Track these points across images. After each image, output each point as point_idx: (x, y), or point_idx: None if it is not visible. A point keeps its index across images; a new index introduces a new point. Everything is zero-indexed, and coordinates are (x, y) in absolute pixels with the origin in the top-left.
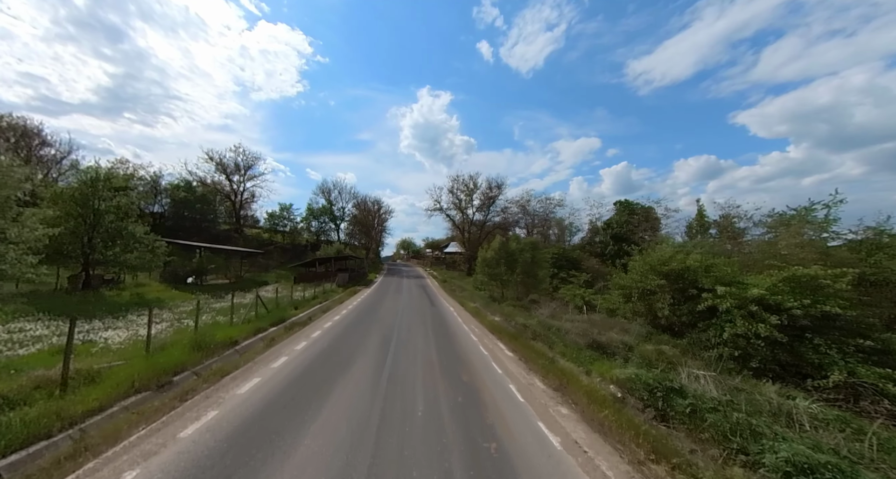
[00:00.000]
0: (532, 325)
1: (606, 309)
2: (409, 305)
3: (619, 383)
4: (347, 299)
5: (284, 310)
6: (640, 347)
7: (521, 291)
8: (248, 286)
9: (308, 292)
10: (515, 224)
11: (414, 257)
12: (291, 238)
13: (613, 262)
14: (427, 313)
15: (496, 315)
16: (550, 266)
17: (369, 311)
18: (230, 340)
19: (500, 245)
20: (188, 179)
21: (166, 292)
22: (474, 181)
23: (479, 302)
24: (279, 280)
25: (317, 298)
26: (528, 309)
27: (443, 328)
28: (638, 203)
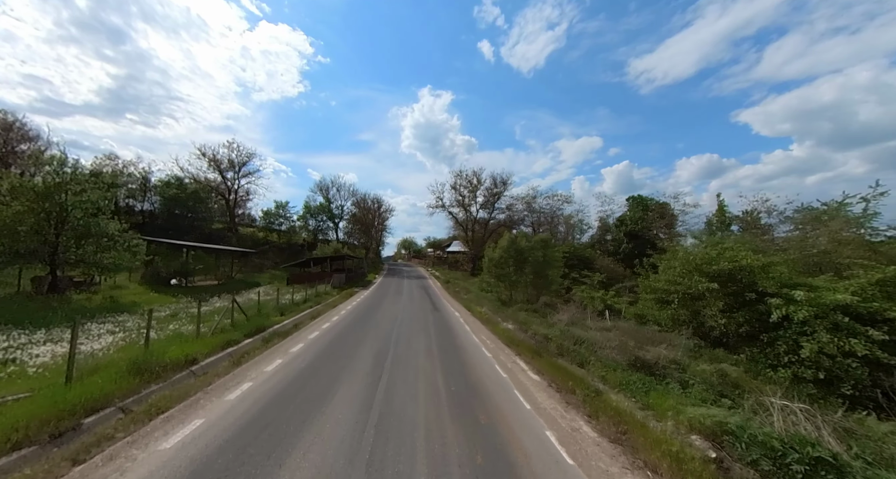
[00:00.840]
0: (554, 336)
1: (635, 315)
2: (409, 309)
3: (703, 432)
4: (342, 302)
5: (267, 317)
6: (694, 366)
7: (532, 293)
8: (237, 288)
9: (300, 295)
10: (520, 222)
11: (415, 257)
12: (287, 237)
13: (630, 261)
14: (429, 320)
15: (509, 322)
16: (562, 266)
17: (364, 317)
18: (187, 358)
19: (509, 243)
20: (179, 176)
21: (144, 295)
22: (478, 177)
23: (487, 306)
24: (273, 281)
25: (308, 301)
26: (544, 315)
27: (448, 340)
28: (652, 199)
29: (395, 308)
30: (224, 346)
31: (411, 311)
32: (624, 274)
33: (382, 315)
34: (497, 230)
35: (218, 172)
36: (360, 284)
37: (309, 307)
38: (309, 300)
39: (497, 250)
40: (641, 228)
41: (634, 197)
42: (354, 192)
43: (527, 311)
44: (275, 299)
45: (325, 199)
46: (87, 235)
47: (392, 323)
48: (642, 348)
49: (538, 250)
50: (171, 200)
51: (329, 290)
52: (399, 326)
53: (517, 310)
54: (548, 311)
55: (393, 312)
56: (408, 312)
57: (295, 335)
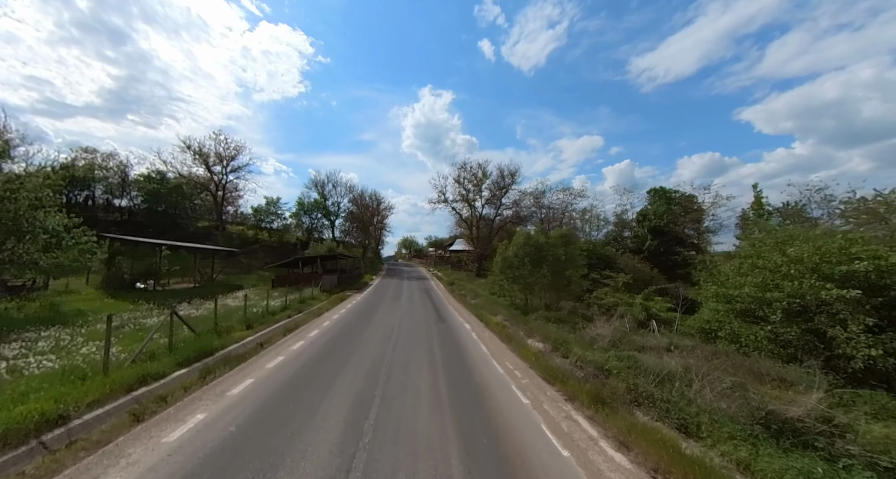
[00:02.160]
0: (613, 366)
1: (699, 330)
2: (408, 320)
3: None
4: (329, 309)
5: (226, 333)
6: (868, 430)
7: (551, 296)
8: (216, 291)
9: (282, 300)
10: (529, 219)
11: (416, 257)
12: (279, 236)
13: (657, 260)
14: (433, 337)
15: (536, 339)
16: (585, 265)
17: (352, 332)
18: (47, 417)
19: (525, 239)
20: (162, 171)
21: (96, 302)
22: (483, 170)
23: (503, 314)
24: (259, 283)
25: (288, 309)
26: (573, 325)
27: (461, 371)
28: (676, 191)
29: (392, 318)
30: (134, 385)
31: (410, 322)
32: (651, 275)
33: (374, 329)
34: (504, 227)
35: (204, 166)
36: (355, 286)
37: (287, 317)
38: (290, 307)
39: (511, 247)
40: (667, 223)
41: (656, 189)
42: (352, 188)
43: (552, 321)
44: (253, 306)
45: (320, 195)
46: (18, 231)
47: (385, 341)
48: (757, 390)
49: (558, 246)
50: (151, 196)
51: (317, 294)
52: (394, 346)
53: (540, 320)
54: (575, 320)
55: (388, 323)
56: (406, 323)
57: (251, 363)
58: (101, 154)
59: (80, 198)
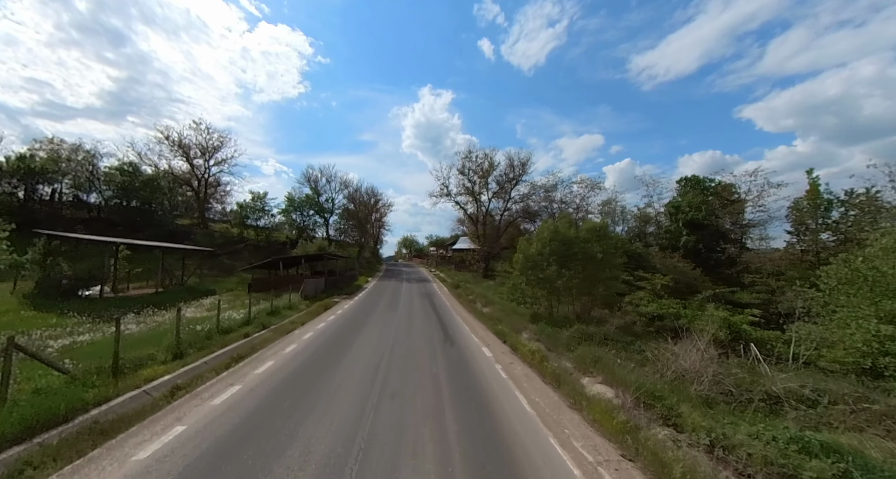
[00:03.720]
0: (807, 474)
1: (834, 361)
2: (404, 341)
3: None
4: (305, 324)
5: (126, 374)
6: None
7: (584, 304)
8: (182, 298)
9: (252, 309)
10: (538, 214)
11: (417, 256)
12: (266, 235)
13: (696, 258)
14: (441, 377)
15: (597, 379)
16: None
17: (324, 363)
18: None
19: (551, 233)
20: (135, 163)
21: (8, 315)
22: (490, 160)
23: (530, 330)
24: (237, 287)
25: (252, 322)
26: (626, 346)
27: (495, 459)
28: (711, 179)
29: (383, 338)
30: None
31: (407, 345)
32: (694, 276)
33: (357, 356)
34: (513, 223)
35: (185, 158)
36: (346, 291)
37: (243, 337)
38: (254, 321)
39: (535, 242)
40: (705, 216)
41: (687, 178)
42: (347, 183)
43: (596, 340)
44: (212, 319)
45: (313, 190)
46: None
47: (367, 386)
48: None
49: (591, 242)
50: (122, 190)
51: (297, 301)
52: (380, 394)
53: (581, 338)
54: (627, 338)
55: (377, 347)
56: (401, 348)
57: (126, 438)
58: (68, 145)
59: (45, 193)
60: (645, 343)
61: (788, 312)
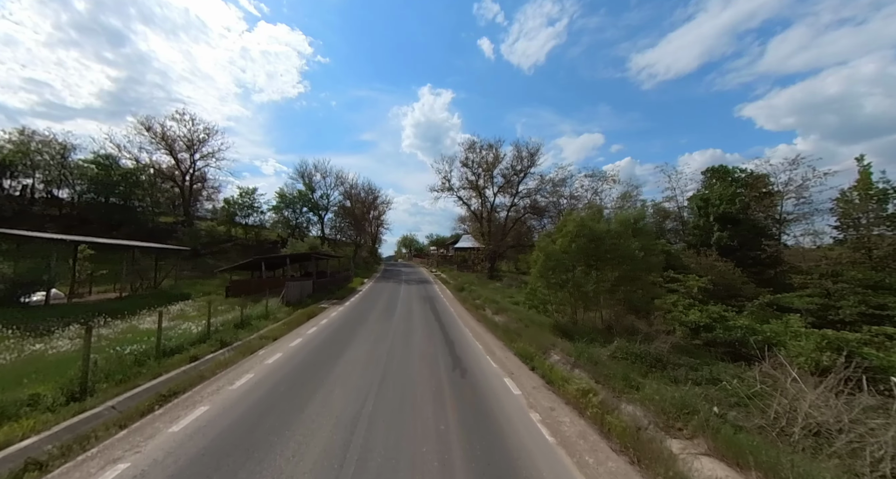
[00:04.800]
0: None
1: None
2: (401, 367)
3: None
4: (278, 339)
5: None
6: None
7: (617, 312)
8: (148, 304)
9: (223, 319)
10: (547, 210)
11: (417, 256)
12: (256, 233)
13: (731, 256)
14: (452, 436)
15: (700, 449)
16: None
17: (281, 412)
18: None
19: (577, 226)
20: (113, 155)
21: None
22: (496, 151)
23: (560, 349)
24: (218, 290)
25: (208, 339)
26: (696, 375)
27: None
28: (742, 169)
29: (372, 361)
30: None
31: (404, 376)
32: (734, 277)
33: (331, 399)
34: (522, 219)
35: (168, 151)
36: (338, 294)
37: (188, 361)
38: (215, 336)
39: (559, 238)
40: (739, 209)
41: (714, 168)
42: (343, 179)
43: (648, 363)
44: (168, 332)
45: (306, 186)
46: None
47: (339, 454)
48: None
49: (626, 237)
50: (98, 185)
51: (277, 308)
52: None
53: (624, 358)
54: (687, 361)
55: (362, 379)
56: (395, 381)
57: None
58: (40, 137)
59: (13, 188)
60: (711, 365)
61: (852, 319)
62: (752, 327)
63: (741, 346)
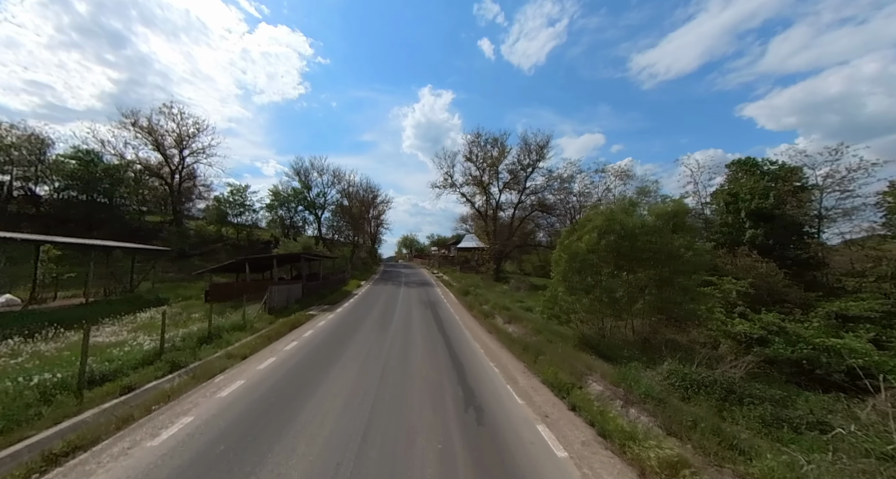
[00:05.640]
0: None
1: None
2: (396, 404)
3: None
4: (248, 358)
5: None
6: None
7: (655, 323)
8: (116, 310)
9: (187, 331)
10: (555, 208)
11: (418, 257)
12: (248, 232)
13: (767, 255)
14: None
15: None
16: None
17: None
18: None
19: (606, 221)
20: (95, 150)
21: None
22: (501, 145)
23: (602, 372)
24: (201, 294)
25: (160, 357)
26: (789, 416)
27: None
28: (774, 161)
29: (359, 393)
30: None
31: (397, 421)
32: (777, 279)
33: (291, 460)
34: (530, 217)
35: (156, 147)
36: (330, 299)
37: (121, 392)
38: (170, 354)
39: (585, 234)
40: (775, 204)
41: (740, 161)
42: (340, 176)
43: (718, 395)
44: (108, 353)
45: (302, 184)
46: None
47: None
48: None
49: (664, 233)
50: (78, 182)
51: (258, 315)
52: None
53: (687, 387)
54: (768, 393)
55: (341, 424)
56: (385, 429)
57: None
58: (19, 131)
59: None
60: (797, 396)
61: None
62: (823, 342)
63: (812, 366)
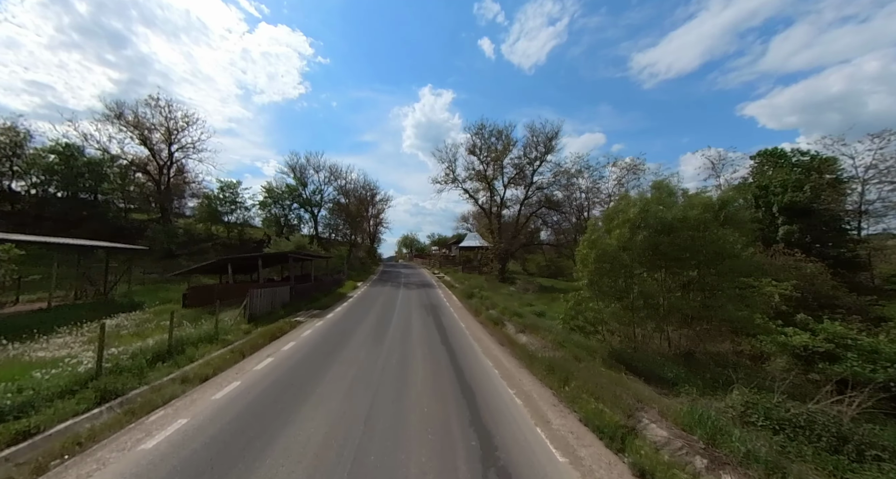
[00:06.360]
0: None
1: None
2: (387, 462)
3: None
4: (209, 380)
5: None
6: None
7: (697, 332)
8: (80, 316)
9: (142, 345)
10: (561, 205)
11: (418, 256)
12: (240, 231)
13: (807, 252)
14: None
15: None
16: None
17: None
18: None
19: (640, 213)
20: (76, 144)
21: None
22: (506, 137)
23: (659, 407)
24: None
25: (95, 380)
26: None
27: None
28: (804, 151)
29: (335, 443)
30: None
31: None
32: (822, 280)
33: None
34: (536, 213)
35: (141, 141)
36: (321, 303)
37: (14, 440)
38: (109, 377)
39: (615, 229)
40: (811, 198)
41: (767, 152)
42: (337, 173)
43: (823, 438)
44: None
45: (297, 180)
46: None
47: None
48: None
49: (710, 226)
50: (58, 177)
51: (236, 323)
52: None
53: (778, 433)
54: (868, 432)
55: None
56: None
57: None
58: None
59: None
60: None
61: None
62: None
63: None
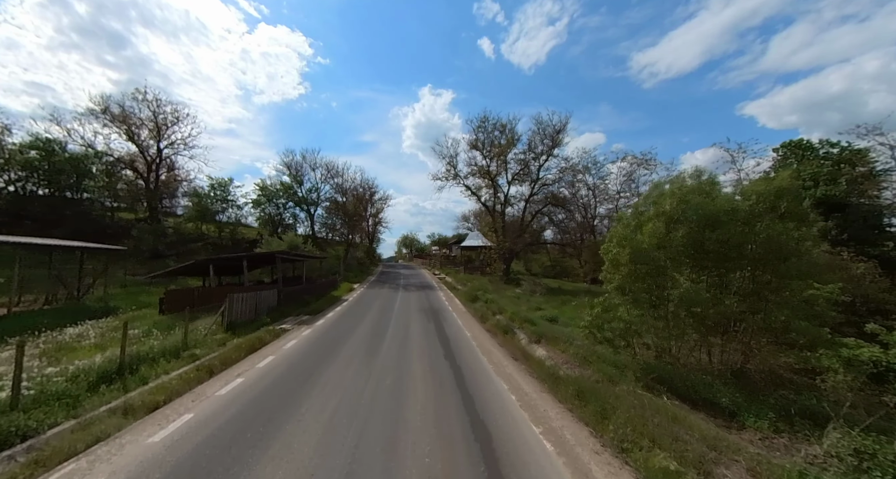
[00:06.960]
0: None
1: None
2: None
3: None
4: (160, 408)
5: None
6: None
7: (751, 345)
8: (37, 324)
9: (100, 359)
10: (566, 203)
11: (418, 256)
12: (231, 230)
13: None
14: None
15: None
16: None
17: None
18: None
19: (678, 206)
20: (58, 139)
21: None
22: (510, 131)
23: (747, 460)
24: None
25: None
26: None
27: None
28: (835, 142)
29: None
30: None
31: None
32: (875, 283)
33: None
34: (542, 211)
35: (128, 136)
36: (314, 306)
37: None
38: (31, 408)
39: (647, 224)
40: (848, 191)
41: (792, 143)
42: (334, 171)
43: None
44: None
45: (292, 178)
46: None
47: None
48: None
49: (763, 219)
50: (38, 174)
51: (211, 332)
52: None
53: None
54: None
55: None
56: None
57: None
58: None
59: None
60: None
61: None
62: None
63: None
